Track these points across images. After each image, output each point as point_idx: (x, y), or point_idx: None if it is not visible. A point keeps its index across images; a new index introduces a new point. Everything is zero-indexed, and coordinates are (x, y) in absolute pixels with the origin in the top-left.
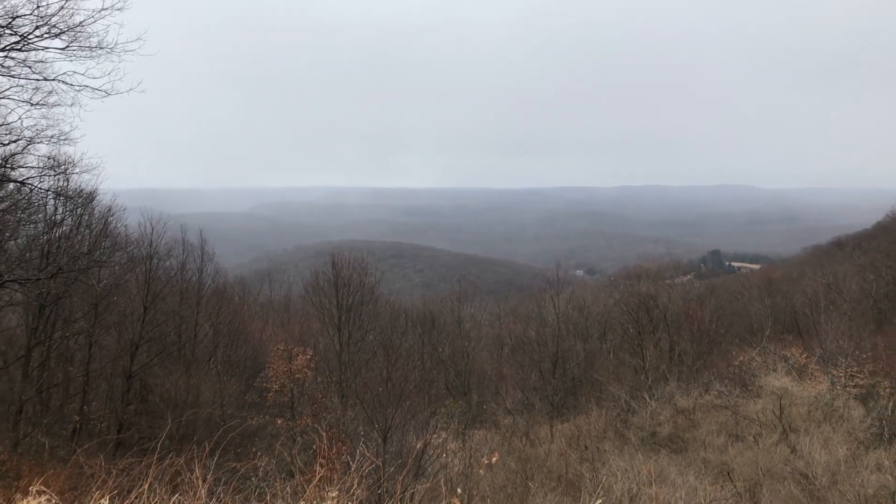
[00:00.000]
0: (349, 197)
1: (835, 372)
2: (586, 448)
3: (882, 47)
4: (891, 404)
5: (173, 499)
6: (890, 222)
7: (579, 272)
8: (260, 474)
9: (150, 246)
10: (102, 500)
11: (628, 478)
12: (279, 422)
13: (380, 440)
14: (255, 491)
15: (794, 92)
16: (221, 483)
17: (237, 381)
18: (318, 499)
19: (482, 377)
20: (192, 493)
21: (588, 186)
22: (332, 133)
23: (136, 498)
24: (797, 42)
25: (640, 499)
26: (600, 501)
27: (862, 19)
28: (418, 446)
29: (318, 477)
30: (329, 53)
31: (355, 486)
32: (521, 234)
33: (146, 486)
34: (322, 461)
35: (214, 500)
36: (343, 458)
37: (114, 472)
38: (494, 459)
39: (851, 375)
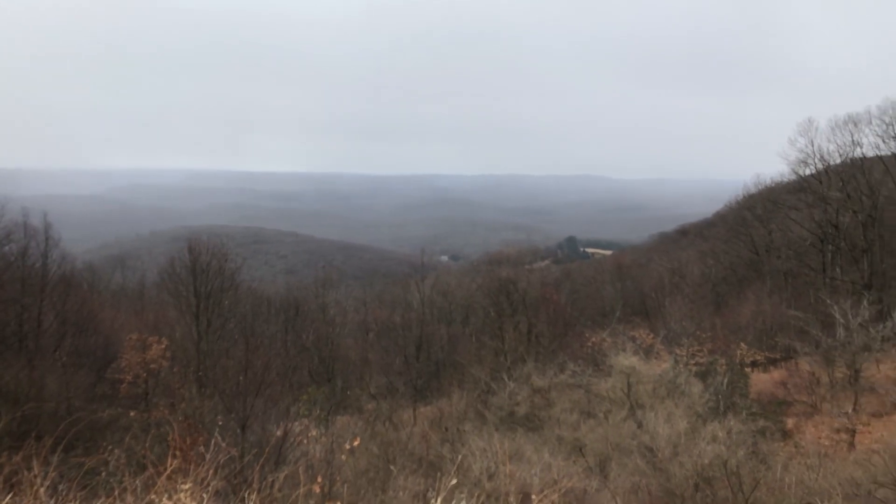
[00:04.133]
0: (210, 180)
1: (678, 351)
2: (447, 430)
3: (718, 49)
4: (726, 380)
5: (7, 499)
6: (728, 212)
7: (444, 258)
8: (110, 469)
9: None
10: None
11: (487, 457)
12: (132, 413)
13: (238, 430)
14: (103, 486)
15: (646, 90)
16: (65, 480)
17: (87, 373)
18: (172, 491)
19: (347, 363)
20: (30, 493)
21: (453, 174)
22: (190, 115)
23: None
24: (642, 42)
25: (498, 476)
26: (455, 481)
27: (705, 22)
28: (278, 434)
29: (170, 469)
30: (177, 34)
31: (210, 476)
32: (386, 220)
33: None
34: (177, 453)
35: (56, 497)
36: (199, 448)
37: None
38: (356, 444)
39: (692, 354)
